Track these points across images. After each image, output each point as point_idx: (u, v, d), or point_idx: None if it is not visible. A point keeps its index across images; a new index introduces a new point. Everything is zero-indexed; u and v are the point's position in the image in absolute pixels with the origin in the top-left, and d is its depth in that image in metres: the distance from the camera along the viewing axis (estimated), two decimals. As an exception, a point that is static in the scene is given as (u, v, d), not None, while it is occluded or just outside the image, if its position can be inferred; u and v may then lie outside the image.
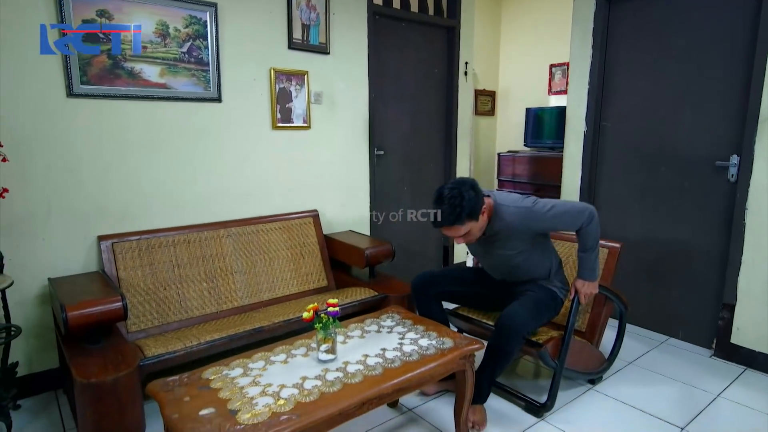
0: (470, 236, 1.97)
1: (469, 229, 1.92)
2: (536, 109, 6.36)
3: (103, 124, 2.31)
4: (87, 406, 1.73)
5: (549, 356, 2.08)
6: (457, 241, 1.99)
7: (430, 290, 2.24)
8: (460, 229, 1.90)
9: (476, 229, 1.95)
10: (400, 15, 3.41)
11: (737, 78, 2.50)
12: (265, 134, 2.83)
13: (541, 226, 2.01)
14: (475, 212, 1.89)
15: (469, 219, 1.88)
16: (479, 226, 1.95)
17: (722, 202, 2.61)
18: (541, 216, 1.96)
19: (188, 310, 2.47)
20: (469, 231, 1.93)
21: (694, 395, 2.29)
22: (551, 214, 1.96)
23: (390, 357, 1.68)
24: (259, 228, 2.82)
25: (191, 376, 1.57)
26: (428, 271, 2.32)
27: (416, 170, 3.75)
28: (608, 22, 2.98)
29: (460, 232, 1.92)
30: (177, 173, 2.55)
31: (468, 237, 1.97)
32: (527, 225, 1.98)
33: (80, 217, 2.29)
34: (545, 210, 1.96)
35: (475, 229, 1.94)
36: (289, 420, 1.31)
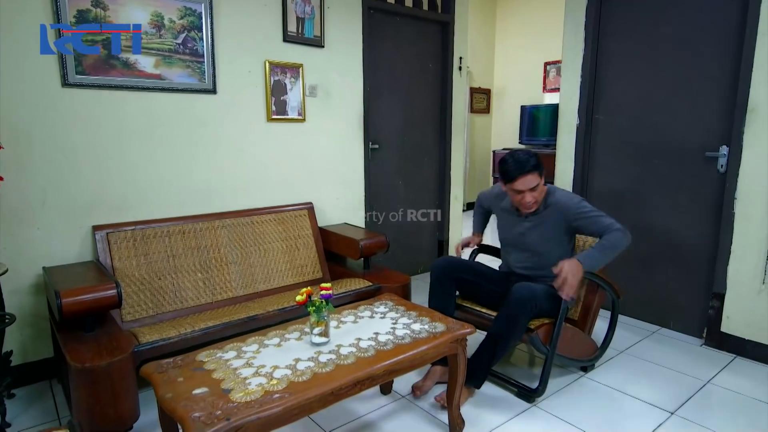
0: (536, 194, 2.09)
1: (538, 182, 2.06)
2: (531, 107, 6.41)
3: (99, 114, 2.32)
4: (81, 391, 1.74)
5: (540, 341, 2.10)
6: (525, 198, 2.08)
7: (453, 272, 2.28)
8: (536, 177, 2.05)
9: (539, 192, 2.10)
10: (395, 9, 3.44)
11: (726, 69, 2.53)
12: (260, 126, 2.85)
13: (578, 222, 2.13)
14: (541, 169, 2.07)
15: (539, 173, 2.06)
16: (540, 191, 2.10)
17: (712, 193, 2.64)
18: (584, 212, 2.10)
19: (183, 300, 2.48)
20: (537, 186, 2.07)
21: (684, 382, 2.32)
22: (592, 214, 2.09)
23: (382, 340, 1.70)
24: (254, 219, 2.83)
25: (185, 359, 1.58)
26: (452, 256, 2.37)
27: (411, 164, 3.78)
28: (600, 15, 3.01)
29: (536, 181, 2.05)
30: (173, 164, 2.57)
31: (535, 193, 2.09)
32: (568, 212, 2.12)
33: (76, 207, 2.31)
34: (589, 209, 2.11)
35: (538, 192, 2.09)
36: (282, 398, 1.33)
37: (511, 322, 2.01)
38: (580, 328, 2.39)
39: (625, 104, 2.97)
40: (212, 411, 1.26)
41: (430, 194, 3.96)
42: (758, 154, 2.42)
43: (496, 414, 2.06)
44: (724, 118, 2.55)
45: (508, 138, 6.87)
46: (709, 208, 2.66)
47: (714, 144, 2.60)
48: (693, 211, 2.74)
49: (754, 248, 2.46)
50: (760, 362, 2.50)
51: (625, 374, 2.40)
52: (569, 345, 2.27)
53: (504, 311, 2.04)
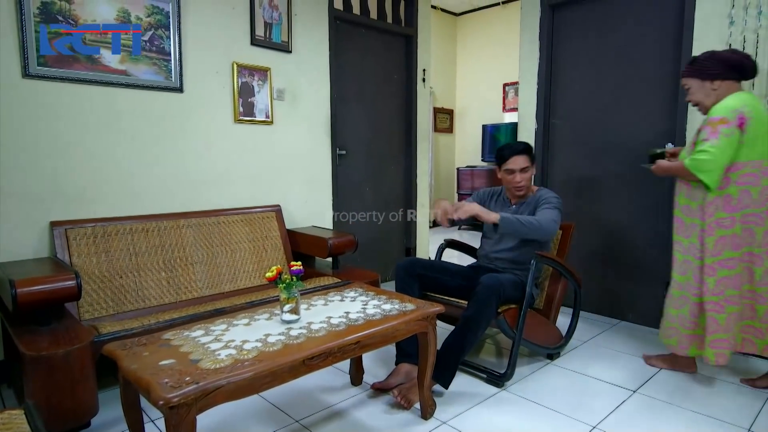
0: (527, 176, 2.36)
1: (527, 165, 2.34)
2: (492, 126, 6.67)
3: (61, 107, 2.28)
4: (36, 382, 1.65)
5: (507, 325, 2.15)
6: (515, 178, 2.34)
7: (416, 270, 2.32)
8: (526, 160, 2.34)
9: (529, 176, 2.37)
10: (360, 21, 3.56)
11: (668, 72, 2.74)
12: (227, 127, 2.85)
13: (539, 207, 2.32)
14: (533, 157, 2.38)
15: (531, 159, 2.36)
16: (530, 175, 2.37)
17: (660, 187, 2.80)
18: (546, 200, 2.32)
19: (145, 299, 2.41)
20: (527, 168, 2.34)
21: (644, 366, 2.41)
22: (548, 205, 2.28)
23: (354, 317, 1.70)
24: (220, 220, 2.80)
25: (150, 338, 1.54)
26: (415, 257, 2.41)
27: (378, 171, 3.84)
28: (552, 26, 3.22)
29: (526, 163, 2.34)
30: (137, 160, 2.53)
31: (525, 175, 2.35)
32: (539, 200, 2.35)
33: (33, 200, 2.23)
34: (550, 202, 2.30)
35: (530, 173, 2.37)
36: (252, 364, 1.31)
37: (481, 307, 2.04)
38: (544, 316, 2.46)
39: (578, 108, 3.15)
40: (180, 377, 1.23)
41: (397, 201, 4.02)
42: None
43: (467, 398, 2.07)
44: (668, 117, 2.75)
45: (471, 156, 7.08)
46: (659, 202, 2.82)
47: (660, 142, 2.77)
48: (644, 206, 2.90)
49: (701, 238, 2.62)
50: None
51: (589, 360, 2.47)
52: (535, 330, 2.33)
53: (474, 298, 2.07)
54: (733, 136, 1.92)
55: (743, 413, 1.95)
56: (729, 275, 2.02)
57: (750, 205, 1.99)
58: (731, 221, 2.00)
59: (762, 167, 1.97)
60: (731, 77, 2.01)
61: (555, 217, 2.24)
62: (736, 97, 1.98)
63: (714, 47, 2.50)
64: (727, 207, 2.00)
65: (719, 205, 2.01)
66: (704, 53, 2.10)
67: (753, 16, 2.37)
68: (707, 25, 2.53)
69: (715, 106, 2.01)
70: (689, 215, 2.13)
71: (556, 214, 2.27)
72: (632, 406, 2.02)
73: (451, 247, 2.76)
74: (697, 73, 2.07)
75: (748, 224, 2.00)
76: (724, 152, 1.93)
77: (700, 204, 2.06)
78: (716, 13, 2.49)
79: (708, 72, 2.03)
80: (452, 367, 2.05)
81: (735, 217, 2.00)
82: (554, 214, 2.25)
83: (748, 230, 2.01)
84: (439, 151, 7.17)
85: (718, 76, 2.02)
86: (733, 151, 1.94)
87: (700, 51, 2.54)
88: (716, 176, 1.96)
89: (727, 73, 2.01)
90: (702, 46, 2.55)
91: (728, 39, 2.46)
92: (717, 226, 2.02)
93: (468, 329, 2.07)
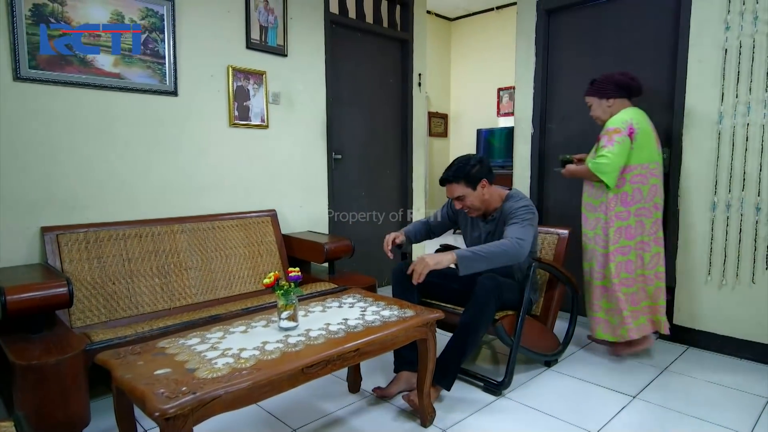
0: (466, 202, 2.19)
1: (463, 193, 2.17)
2: (486, 131, 6.68)
3: (53, 111, 2.24)
4: (27, 392, 1.61)
5: (505, 332, 2.13)
6: (456, 204, 2.24)
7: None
8: (455, 188, 2.17)
9: (472, 198, 2.17)
10: (356, 25, 3.55)
11: (664, 76, 2.75)
12: (222, 131, 2.82)
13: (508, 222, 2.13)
14: (471, 179, 2.15)
15: (466, 183, 2.15)
16: (476, 196, 2.18)
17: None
18: (514, 214, 2.13)
19: (138, 305, 2.37)
20: (464, 196, 2.17)
21: (642, 370, 2.40)
22: (516, 219, 2.10)
23: (352, 324, 1.68)
24: (215, 225, 2.77)
25: (144, 347, 1.50)
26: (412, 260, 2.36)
27: (373, 176, 3.82)
28: (549, 31, 3.22)
29: (454, 192, 2.18)
30: (130, 165, 2.49)
31: (464, 202, 2.20)
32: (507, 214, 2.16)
33: (24, 205, 2.18)
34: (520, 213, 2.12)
35: (471, 198, 2.17)
36: (251, 373, 1.28)
37: (479, 310, 2.02)
38: (542, 323, 2.45)
39: (574, 113, 3.15)
40: (177, 387, 1.20)
41: (393, 206, 4.00)
42: (697, 154, 2.61)
43: (467, 405, 2.05)
44: (664, 123, 2.75)
45: (466, 160, 7.07)
46: (656, 207, 2.83)
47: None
48: (641, 211, 2.90)
49: (698, 242, 2.62)
50: (709, 351, 2.62)
51: (587, 366, 2.45)
52: (533, 337, 2.31)
53: (472, 301, 2.05)
54: (625, 143, 2.31)
55: (744, 419, 1.94)
56: (623, 260, 2.40)
57: (641, 201, 2.39)
58: (627, 214, 2.39)
59: (649, 168, 2.38)
60: (622, 95, 2.44)
61: (521, 235, 2.03)
62: (626, 112, 2.39)
63: (710, 52, 2.52)
64: (624, 202, 2.39)
65: (617, 201, 2.39)
66: (601, 76, 2.49)
67: (749, 21, 2.38)
68: (703, 30, 2.54)
69: (613, 118, 2.40)
70: (593, 211, 2.49)
71: (523, 231, 2.06)
72: (633, 412, 2.00)
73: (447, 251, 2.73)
74: (596, 93, 2.48)
75: (640, 217, 2.41)
76: (619, 156, 2.31)
77: (603, 201, 2.42)
78: (712, 18, 2.50)
79: (604, 92, 2.45)
80: (454, 369, 2.03)
81: (630, 210, 2.39)
82: (520, 232, 2.04)
83: (640, 222, 2.41)
84: (434, 155, 7.17)
85: (612, 95, 2.44)
86: (626, 155, 2.33)
87: (697, 56, 2.57)
88: (614, 177, 2.33)
89: (619, 92, 2.43)
90: (698, 51, 2.56)
91: (724, 44, 2.47)
92: (616, 219, 2.39)
93: (467, 332, 2.04)
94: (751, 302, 2.47)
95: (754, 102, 2.41)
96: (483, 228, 2.32)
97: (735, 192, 2.49)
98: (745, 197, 2.46)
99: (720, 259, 2.55)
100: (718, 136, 2.53)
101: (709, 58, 2.53)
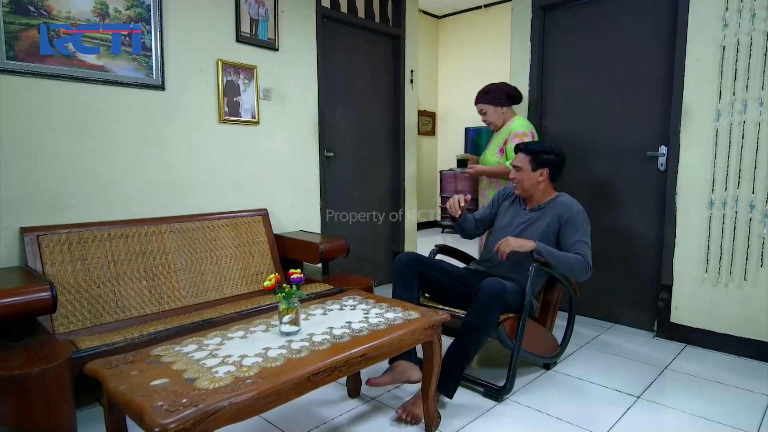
0: (519, 175, 2.31)
1: (526, 167, 2.29)
2: (473, 129, 6.66)
3: (32, 104, 2.12)
4: (9, 405, 1.50)
5: (506, 335, 2.08)
6: (511, 174, 2.37)
7: (417, 266, 2.21)
8: (525, 161, 2.29)
9: (523, 177, 2.30)
10: (348, 20, 3.47)
11: (661, 74, 2.74)
12: (211, 127, 2.72)
13: (567, 224, 2.21)
14: (537, 160, 2.27)
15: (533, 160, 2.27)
16: (526, 176, 2.29)
17: (654, 189, 2.80)
18: (576, 221, 2.20)
19: (125, 309, 2.25)
20: (521, 168, 2.30)
21: (643, 370, 2.38)
22: (580, 230, 2.18)
23: (356, 328, 1.61)
24: (204, 224, 2.66)
25: (137, 355, 1.40)
26: (415, 252, 2.32)
27: (366, 173, 3.75)
28: (544, 28, 3.19)
29: (523, 163, 2.29)
30: (115, 161, 2.37)
31: (520, 173, 2.31)
32: (565, 212, 2.23)
33: (2, 205, 2.05)
34: (582, 225, 2.20)
35: (522, 176, 2.30)
36: (255, 383, 1.20)
37: (483, 314, 1.96)
38: (541, 324, 2.41)
39: (570, 110, 3.13)
40: (176, 399, 1.11)
41: (385, 204, 3.93)
42: (694, 151, 2.60)
43: (471, 410, 2.00)
44: (662, 120, 2.74)
45: (454, 159, 7.05)
46: (652, 204, 2.82)
47: (654, 144, 2.78)
48: (637, 209, 2.89)
49: (695, 240, 2.62)
50: (707, 348, 2.62)
51: (587, 366, 2.43)
52: (533, 341, 2.26)
53: (476, 304, 1.99)
54: None
55: (749, 417, 1.93)
56: None
57: None
58: None
59: None
60: (510, 103, 2.83)
61: (590, 260, 2.14)
62: (521, 117, 2.82)
63: (708, 50, 2.52)
64: None
65: None
66: (492, 86, 2.82)
67: (747, 18, 2.38)
68: (701, 28, 2.53)
69: (512, 123, 2.76)
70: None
71: (590, 253, 2.16)
72: (640, 413, 1.97)
73: (443, 252, 2.67)
74: (492, 101, 2.81)
75: None
76: None
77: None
78: (710, 15, 2.50)
79: (498, 100, 2.79)
80: (456, 377, 1.96)
81: None
82: (589, 255, 2.15)
83: None
84: (422, 153, 7.12)
85: (505, 104, 2.80)
86: None
87: (694, 54, 2.57)
88: None
89: (509, 101, 2.81)
90: (696, 48, 2.55)
91: (722, 41, 2.46)
92: None
93: (470, 336, 1.98)
94: (746, 300, 2.47)
95: (751, 100, 2.41)
96: (526, 215, 2.36)
97: (731, 190, 2.49)
98: (740, 195, 2.46)
99: (716, 257, 2.55)
100: (716, 133, 2.52)
101: (707, 56, 2.52)
